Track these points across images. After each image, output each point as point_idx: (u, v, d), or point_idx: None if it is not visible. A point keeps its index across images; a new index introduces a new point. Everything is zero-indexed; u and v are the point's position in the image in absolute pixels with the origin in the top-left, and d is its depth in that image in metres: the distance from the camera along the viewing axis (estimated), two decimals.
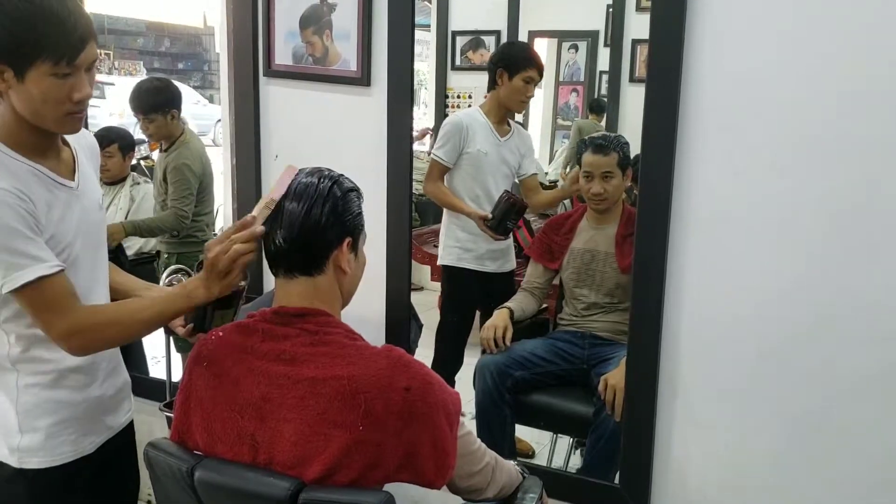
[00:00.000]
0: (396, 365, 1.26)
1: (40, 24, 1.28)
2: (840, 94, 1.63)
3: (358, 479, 1.22)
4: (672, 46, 1.74)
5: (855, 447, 1.74)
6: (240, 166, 2.43)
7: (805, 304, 1.73)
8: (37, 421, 1.49)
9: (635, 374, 1.93)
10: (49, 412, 1.50)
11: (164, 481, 1.33)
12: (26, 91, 1.32)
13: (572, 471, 2.47)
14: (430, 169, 2.82)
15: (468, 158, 2.80)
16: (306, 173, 1.34)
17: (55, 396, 1.50)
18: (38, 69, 1.30)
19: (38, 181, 1.40)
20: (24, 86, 1.31)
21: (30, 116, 1.36)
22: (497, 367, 2.43)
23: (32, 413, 1.49)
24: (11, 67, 1.30)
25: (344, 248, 1.33)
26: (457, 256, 2.89)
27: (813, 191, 1.68)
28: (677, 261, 1.82)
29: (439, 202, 2.87)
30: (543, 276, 2.65)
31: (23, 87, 1.32)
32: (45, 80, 1.31)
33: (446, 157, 2.79)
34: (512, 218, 2.64)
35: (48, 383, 1.50)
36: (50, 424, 1.50)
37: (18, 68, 1.30)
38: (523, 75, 2.74)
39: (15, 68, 1.30)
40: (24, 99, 1.33)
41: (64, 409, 1.51)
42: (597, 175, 2.50)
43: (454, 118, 2.88)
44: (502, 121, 2.84)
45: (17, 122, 1.38)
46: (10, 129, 1.39)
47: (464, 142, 2.78)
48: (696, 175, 1.78)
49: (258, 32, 2.32)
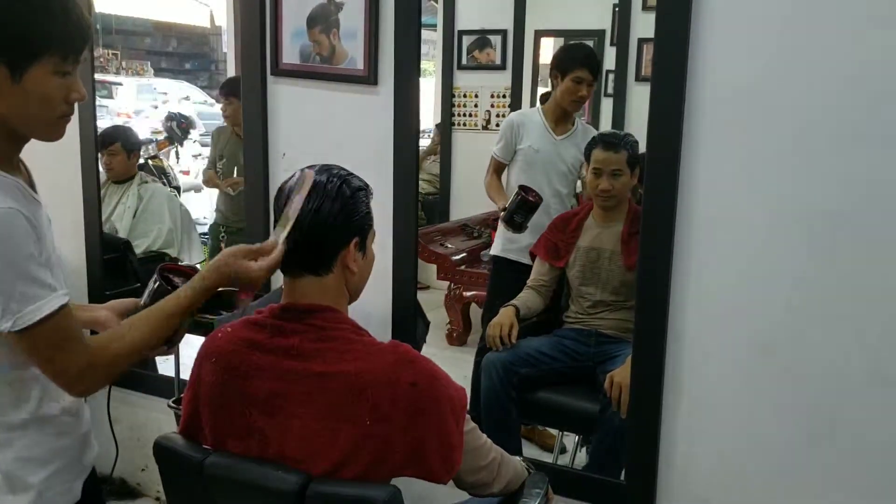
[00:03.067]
0: (403, 360, 1.27)
1: (49, 16, 1.18)
2: (846, 93, 1.64)
3: (365, 473, 1.23)
4: (678, 45, 1.74)
5: (862, 445, 1.74)
6: (248, 165, 2.45)
7: (811, 303, 1.73)
8: (29, 477, 1.32)
9: (641, 372, 1.93)
10: (42, 464, 1.33)
11: (174, 476, 1.35)
12: (21, 92, 1.19)
13: (578, 467, 2.47)
14: (490, 163, 3.01)
15: (521, 154, 2.94)
16: (315, 171, 1.34)
17: (49, 445, 1.34)
18: (42, 66, 1.19)
19: (23, 197, 1.23)
20: (19, 86, 1.19)
21: (17, 121, 1.22)
22: (503, 365, 2.44)
23: (24, 468, 1.31)
24: (7, 66, 1.17)
25: (351, 248, 1.33)
26: (502, 247, 3.02)
27: (818, 189, 1.69)
28: (683, 259, 1.83)
29: (487, 193, 3.01)
30: (549, 273, 2.65)
31: (17, 88, 1.19)
32: (47, 78, 1.20)
33: (500, 153, 2.98)
34: (520, 213, 2.70)
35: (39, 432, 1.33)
36: (43, 479, 1.33)
37: (17, 66, 1.18)
38: (573, 76, 2.83)
39: (12, 67, 1.18)
40: (15, 102, 1.20)
41: (58, 457, 1.36)
42: (606, 172, 2.50)
43: (509, 116, 3.11)
44: (560, 120, 2.92)
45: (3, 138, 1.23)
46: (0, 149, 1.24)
47: (516, 139, 2.94)
48: (702, 173, 1.78)
49: (265, 32, 2.33)
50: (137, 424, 2.68)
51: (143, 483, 2.82)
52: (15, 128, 1.24)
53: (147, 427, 2.67)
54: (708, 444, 1.89)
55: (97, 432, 1.51)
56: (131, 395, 2.67)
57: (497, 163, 2.99)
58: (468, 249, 3.78)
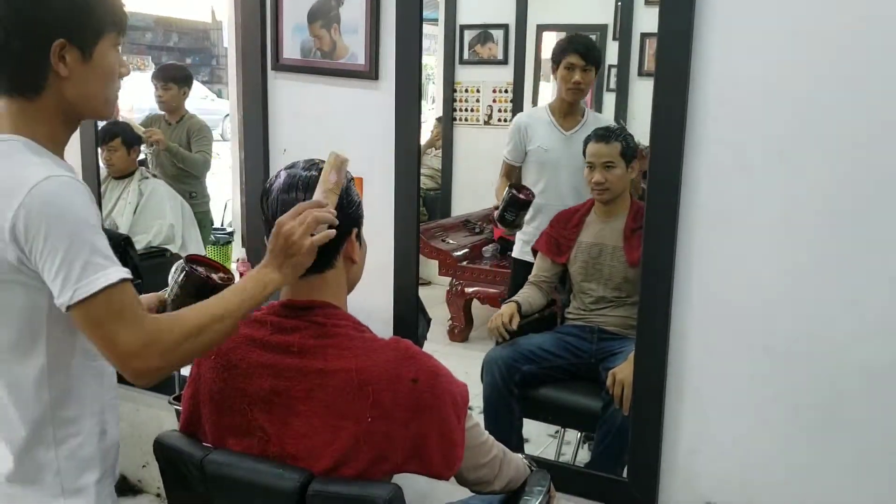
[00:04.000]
0: (404, 357, 1.26)
1: None
2: (851, 88, 1.63)
3: (366, 470, 1.23)
4: (681, 40, 1.73)
5: (865, 442, 1.73)
6: (248, 160, 2.44)
7: (814, 299, 1.72)
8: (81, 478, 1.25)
9: (643, 369, 1.92)
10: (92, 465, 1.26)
11: (174, 474, 1.34)
12: (92, 71, 1.18)
13: (580, 465, 2.47)
14: (501, 166, 3.02)
15: (532, 156, 2.95)
16: (302, 167, 1.33)
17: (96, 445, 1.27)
18: (105, 41, 1.19)
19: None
20: (89, 65, 1.17)
21: (83, 102, 1.20)
22: (505, 362, 2.43)
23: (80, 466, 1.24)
24: (78, 46, 1.15)
25: (353, 239, 1.34)
26: (520, 249, 3.03)
27: (822, 185, 1.68)
28: (686, 254, 1.82)
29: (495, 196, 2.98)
30: (551, 269, 2.65)
31: (87, 68, 1.17)
32: (110, 53, 1.20)
33: (510, 156, 2.99)
34: (511, 211, 2.69)
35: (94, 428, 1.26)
36: (95, 482, 1.26)
37: (87, 44, 1.16)
38: (564, 62, 2.81)
39: (82, 46, 1.16)
40: (87, 81, 1.18)
41: (103, 460, 1.28)
42: (598, 164, 2.50)
43: (515, 118, 3.11)
44: (568, 114, 2.91)
45: (54, 118, 1.19)
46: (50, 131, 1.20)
47: (524, 141, 2.95)
48: (705, 169, 1.77)
49: (266, 27, 2.32)
50: (138, 421, 2.68)
51: (143, 480, 2.82)
52: (79, 111, 1.22)
53: (147, 424, 2.67)
54: (710, 441, 1.89)
55: None
56: (131, 391, 2.66)
57: (508, 166, 2.99)
58: (470, 245, 3.77)
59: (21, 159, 1.14)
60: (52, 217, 1.09)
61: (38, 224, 1.08)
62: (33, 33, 1.13)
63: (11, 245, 1.10)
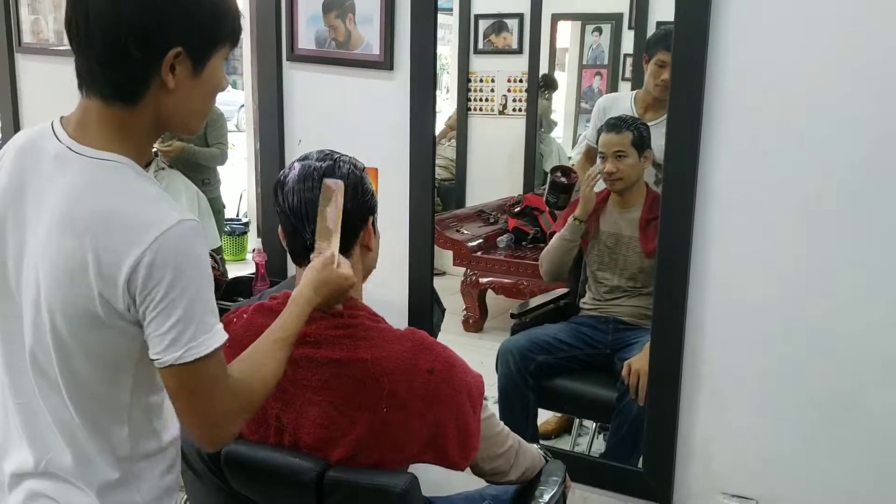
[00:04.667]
0: (420, 347, 1.26)
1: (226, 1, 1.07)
2: (868, 74, 1.61)
3: (382, 459, 1.23)
4: (697, 28, 1.72)
5: (882, 430, 1.72)
6: (263, 151, 2.45)
7: (832, 287, 1.71)
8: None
9: (659, 359, 1.92)
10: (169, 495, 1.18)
11: (191, 462, 1.35)
12: (199, 85, 1.06)
13: (595, 455, 2.47)
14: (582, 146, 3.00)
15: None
16: (316, 158, 1.33)
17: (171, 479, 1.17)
18: (219, 54, 1.07)
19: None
20: (198, 79, 1.05)
21: (181, 118, 1.08)
22: (520, 352, 2.43)
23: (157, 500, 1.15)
24: (192, 57, 1.03)
25: (369, 228, 1.34)
26: None
27: (840, 173, 1.66)
28: (701, 244, 1.81)
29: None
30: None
31: (195, 82, 1.05)
32: (220, 67, 1.08)
33: (588, 135, 2.92)
34: (553, 193, 2.80)
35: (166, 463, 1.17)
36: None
37: (202, 57, 1.04)
38: (656, 59, 2.70)
39: (197, 57, 1.04)
40: (190, 96, 1.06)
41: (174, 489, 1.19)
42: (609, 154, 2.49)
43: (599, 100, 3.04)
44: (651, 107, 2.80)
45: (145, 131, 1.07)
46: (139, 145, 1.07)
47: (602, 122, 2.84)
48: (722, 157, 1.76)
49: (281, 17, 2.32)
50: None
51: None
52: (169, 126, 1.10)
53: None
54: (726, 431, 1.88)
55: None
56: None
57: (586, 146, 2.93)
58: (484, 235, 3.77)
59: (139, 190, 1.02)
60: (182, 270, 0.98)
61: (163, 274, 0.97)
62: (152, 37, 1.01)
63: (123, 293, 0.98)
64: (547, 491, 1.48)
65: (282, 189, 1.32)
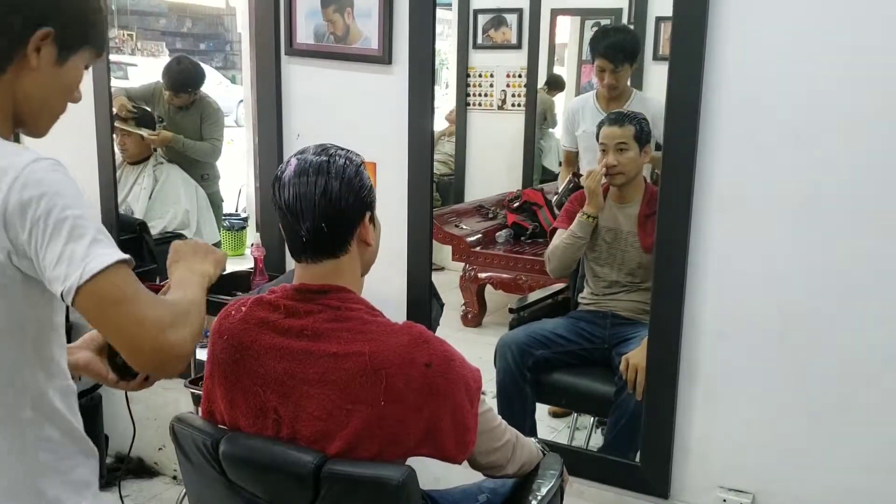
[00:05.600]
0: (418, 341, 1.27)
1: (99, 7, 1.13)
2: (867, 72, 1.61)
3: (379, 453, 1.24)
4: (696, 24, 1.72)
5: (880, 426, 1.73)
6: (262, 146, 2.45)
7: (829, 282, 1.71)
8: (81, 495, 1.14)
9: (657, 354, 1.93)
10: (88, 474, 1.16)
11: (189, 455, 1.35)
12: (58, 77, 1.10)
13: (593, 449, 2.47)
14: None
15: (580, 140, 3.01)
16: (313, 152, 1.32)
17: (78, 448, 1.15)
18: (82, 55, 1.12)
19: None
20: (59, 70, 1.09)
21: (34, 104, 1.10)
22: (518, 346, 2.44)
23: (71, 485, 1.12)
24: (58, 44, 1.08)
25: (366, 222, 1.34)
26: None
27: (838, 169, 1.66)
28: (700, 239, 1.81)
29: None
30: None
31: (56, 71, 1.09)
32: (79, 69, 1.13)
33: (564, 142, 3.10)
34: (566, 195, 2.82)
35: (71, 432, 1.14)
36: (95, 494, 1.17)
37: (68, 47, 1.09)
38: (595, 66, 2.84)
39: (63, 46, 1.08)
40: (49, 84, 1.10)
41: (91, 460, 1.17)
42: (611, 147, 2.48)
43: (567, 105, 3.21)
44: (611, 99, 2.90)
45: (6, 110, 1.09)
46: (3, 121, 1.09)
47: (573, 126, 3.02)
48: (720, 152, 1.76)
49: (280, 11, 2.32)
50: (155, 405, 2.70)
51: (160, 462, 2.85)
52: (22, 113, 1.11)
53: (164, 407, 2.69)
54: (723, 426, 1.89)
55: (115, 412, 1.51)
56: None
57: (566, 152, 3.07)
58: (483, 231, 3.77)
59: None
60: (52, 198, 0.97)
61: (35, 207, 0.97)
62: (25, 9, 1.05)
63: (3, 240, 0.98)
64: (545, 484, 1.48)
65: (279, 184, 1.32)
